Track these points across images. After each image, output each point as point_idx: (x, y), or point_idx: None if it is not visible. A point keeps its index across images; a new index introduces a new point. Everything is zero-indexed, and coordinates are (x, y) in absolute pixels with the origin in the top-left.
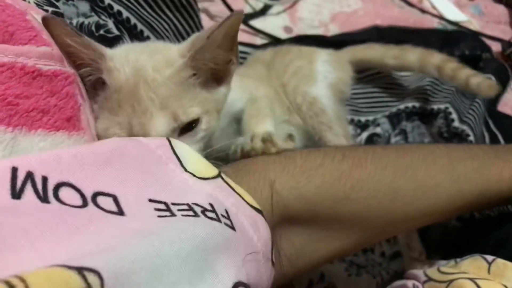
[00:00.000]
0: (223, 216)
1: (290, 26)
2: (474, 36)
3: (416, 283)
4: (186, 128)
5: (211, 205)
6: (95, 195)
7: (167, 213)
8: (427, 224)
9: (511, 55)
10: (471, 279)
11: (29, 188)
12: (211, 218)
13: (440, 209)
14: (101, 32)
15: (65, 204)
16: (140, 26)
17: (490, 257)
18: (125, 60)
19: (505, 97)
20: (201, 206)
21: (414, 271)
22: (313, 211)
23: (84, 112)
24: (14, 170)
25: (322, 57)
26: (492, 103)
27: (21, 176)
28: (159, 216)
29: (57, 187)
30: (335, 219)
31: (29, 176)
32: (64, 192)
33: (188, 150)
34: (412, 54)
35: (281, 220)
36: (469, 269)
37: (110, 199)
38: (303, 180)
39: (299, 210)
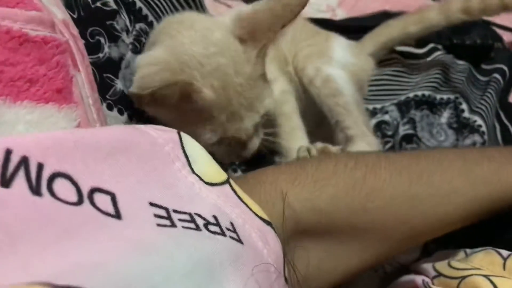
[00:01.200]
0: (228, 229)
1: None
2: (485, 25)
3: (426, 279)
4: None
5: (215, 217)
6: (93, 191)
7: (167, 222)
8: (446, 232)
9: None
10: (485, 276)
11: (21, 175)
12: (214, 232)
13: (459, 216)
14: (98, 4)
15: (59, 199)
16: (139, 3)
17: (505, 252)
18: (208, 73)
19: None
20: (204, 219)
21: (423, 265)
22: (328, 224)
23: (77, 84)
24: (8, 153)
25: (340, 42)
26: (503, 94)
27: (14, 160)
28: (159, 225)
29: (53, 177)
30: (351, 232)
31: (24, 161)
32: (60, 185)
33: (198, 149)
34: (431, 12)
35: (294, 235)
36: (482, 264)
37: (107, 198)
38: (316, 190)
39: (312, 223)
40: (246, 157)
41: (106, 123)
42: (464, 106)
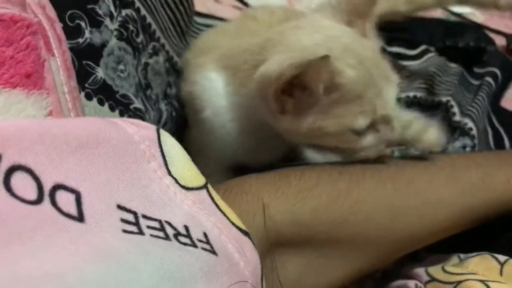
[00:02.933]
0: (200, 240)
1: (288, 6)
2: (477, 29)
3: (419, 283)
4: None
5: (186, 228)
6: (56, 188)
7: (135, 229)
8: (435, 241)
9: None
10: (481, 281)
11: None
12: (184, 244)
13: (446, 225)
14: None
15: (15, 196)
16: None
17: (502, 257)
18: (339, 55)
19: (508, 93)
20: (175, 228)
21: (416, 270)
22: (309, 236)
23: (50, 70)
24: None
25: None
26: (495, 98)
27: None
28: (124, 231)
29: (11, 170)
30: (333, 244)
31: None
32: (18, 179)
33: (177, 149)
34: None
35: (274, 247)
36: (478, 269)
37: (71, 197)
38: (298, 202)
39: (293, 235)
40: (396, 142)
41: (83, 113)
42: (455, 109)
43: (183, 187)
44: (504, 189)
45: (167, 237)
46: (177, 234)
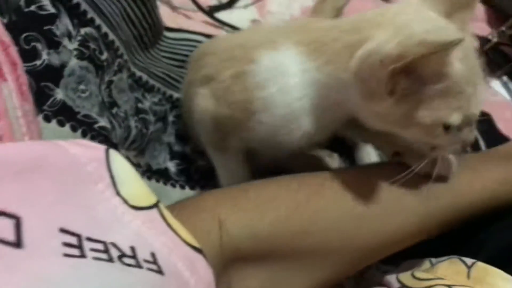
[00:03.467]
0: (146, 261)
1: (259, 19)
2: None
3: None
4: None
5: (132, 249)
6: None
7: (76, 252)
8: (401, 249)
9: (488, 52)
10: (448, 286)
11: None
12: (128, 265)
13: (411, 232)
14: (32, 8)
15: None
16: (84, 5)
17: (469, 260)
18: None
19: None
20: (120, 250)
21: (387, 277)
22: (269, 249)
23: (1, 95)
24: None
25: None
26: None
27: None
28: (65, 255)
29: None
30: (294, 256)
31: None
32: None
33: (127, 169)
34: None
35: (234, 263)
36: (446, 273)
37: (10, 223)
38: (256, 216)
39: (253, 249)
40: (470, 144)
41: (39, 136)
42: None
43: (132, 207)
44: (466, 192)
45: (110, 259)
46: (122, 256)
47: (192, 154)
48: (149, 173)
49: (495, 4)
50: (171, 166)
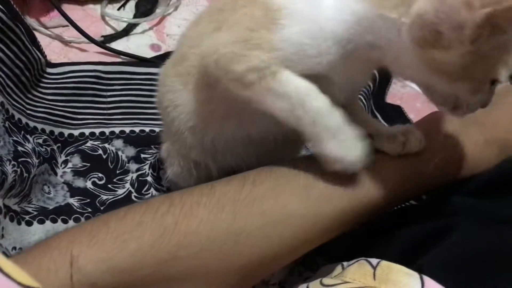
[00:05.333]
0: None
1: (158, 43)
2: None
3: None
4: None
5: None
6: None
7: None
8: (298, 256)
9: None
10: None
11: None
12: None
13: (301, 238)
14: None
15: None
16: None
17: (374, 260)
18: None
19: (392, 88)
20: None
21: (300, 286)
22: (133, 281)
23: None
24: None
25: None
26: (379, 97)
27: None
28: None
29: None
30: (165, 284)
31: None
32: None
33: None
34: None
35: None
36: (355, 276)
37: None
38: (115, 248)
39: (112, 284)
40: (485, 106)
41: None
42: None
43: None
44: (364, 193)
45: None
46: None
47: (95, 190)
48: (43, 216)
49: None
50: (74, 201)
